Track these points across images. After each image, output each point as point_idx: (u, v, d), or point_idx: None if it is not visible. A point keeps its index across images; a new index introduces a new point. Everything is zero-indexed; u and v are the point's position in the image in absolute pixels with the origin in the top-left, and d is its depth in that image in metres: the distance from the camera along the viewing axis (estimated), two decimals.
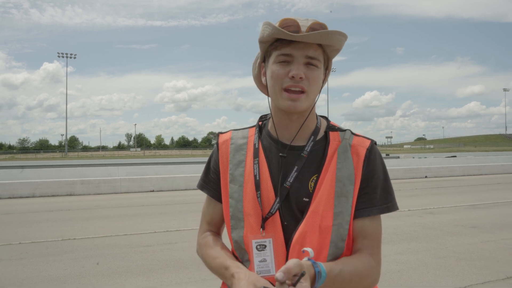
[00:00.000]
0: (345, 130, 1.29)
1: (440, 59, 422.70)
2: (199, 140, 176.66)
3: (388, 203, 1.25)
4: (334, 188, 1.20)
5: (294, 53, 1.18)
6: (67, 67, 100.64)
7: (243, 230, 1.26)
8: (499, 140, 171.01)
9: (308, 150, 1.24)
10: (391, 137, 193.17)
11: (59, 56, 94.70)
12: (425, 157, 29.08)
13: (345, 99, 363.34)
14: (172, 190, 14.86)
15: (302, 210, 1.21)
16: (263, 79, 1.31)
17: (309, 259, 1.08)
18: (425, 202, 10.75)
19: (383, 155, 42.63)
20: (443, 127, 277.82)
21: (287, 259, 1.19)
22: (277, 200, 1.22)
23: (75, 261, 5.60)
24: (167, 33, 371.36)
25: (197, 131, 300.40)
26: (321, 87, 1.27)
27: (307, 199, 1.21)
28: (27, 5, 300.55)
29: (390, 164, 21.42)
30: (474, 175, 20.56)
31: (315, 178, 1.22)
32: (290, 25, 1.16)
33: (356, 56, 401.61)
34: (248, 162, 1.28)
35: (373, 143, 1.27)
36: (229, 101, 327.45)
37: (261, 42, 1.24)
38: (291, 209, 1.22)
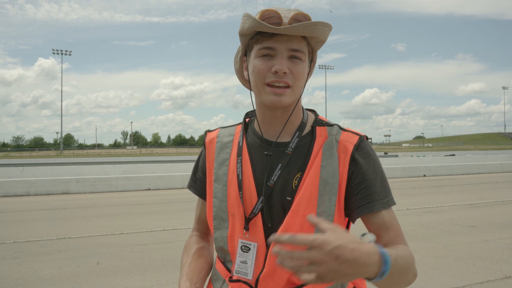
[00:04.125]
0: (332, 125, 1.22)
1: (440, 56, 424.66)
2: (196, 138, 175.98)
3: (387, 198, 1.15)
4: (318, 186, 1.12)
5: (277, 46, 1.11)
6: (62, 63, 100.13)
7: (227, 230, 1.22)
8: (498, 138, 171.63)
9: (292, 147, 1.18)
10: (389, 136, 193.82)
11: (54, 53, 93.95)
12: (424, 156, 29.04)
13: (344, 97, 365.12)
14: (169, 189, 14.80)
15: (286, 210, 1.15)
16: (245, 74, 1.25)
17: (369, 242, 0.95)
18: (424, 201, 10.71)
19: (381, 153, 42.60)
20: (441, 126, 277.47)
21: (265, 262, 1.15)
22: (260, 200, 1.17)
23: (71, 260, 5.54)
24: (165, 29, 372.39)
25: (194, 129, 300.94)
26: (306, 81, 1.19)
27: (290, 198, 1.14)
28: (22, 0, 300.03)
29: (389, 163, 21.41)
30: (473, 174, 20.57)
31: (299, 176, 1.15)
32: (271, 16, 1.09)
33: (356, 53, 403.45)
34: (232, 161, 1.24)
35: (362, 138, 1.17)
36: (227, 99, 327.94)
37: (242, 35, 1.17)
38: (276, 209, 1.17)
